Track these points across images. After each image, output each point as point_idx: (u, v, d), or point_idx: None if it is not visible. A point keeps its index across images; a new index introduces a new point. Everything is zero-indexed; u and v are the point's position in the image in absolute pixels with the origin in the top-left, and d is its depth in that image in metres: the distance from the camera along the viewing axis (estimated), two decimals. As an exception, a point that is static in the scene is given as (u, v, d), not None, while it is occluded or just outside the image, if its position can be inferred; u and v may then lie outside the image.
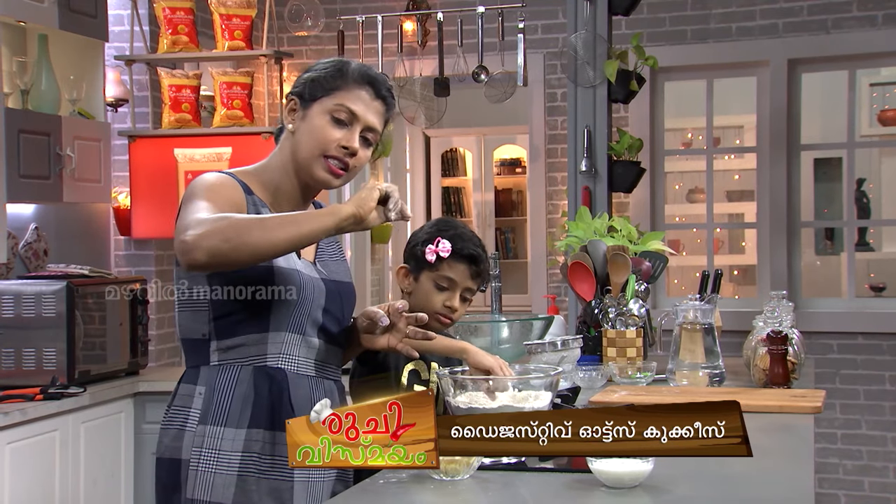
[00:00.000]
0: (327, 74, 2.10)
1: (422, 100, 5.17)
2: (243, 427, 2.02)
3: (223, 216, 1.89)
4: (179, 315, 2.11)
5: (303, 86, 2.11)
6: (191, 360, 2.10)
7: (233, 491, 2.00)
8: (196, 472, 2.01)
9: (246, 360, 2.04)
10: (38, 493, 3.52)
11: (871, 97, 6.95)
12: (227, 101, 4.71)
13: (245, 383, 2.03)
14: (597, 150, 4.27)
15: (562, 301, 5.18)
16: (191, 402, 2.05)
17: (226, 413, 2.02)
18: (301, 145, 2.09)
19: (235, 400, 2.02)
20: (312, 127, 2.08)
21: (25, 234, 4.22)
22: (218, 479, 2.00)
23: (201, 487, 2.00)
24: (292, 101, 2.12)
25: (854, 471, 5.18)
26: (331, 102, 2.08)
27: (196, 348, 2.08)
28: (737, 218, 7.08)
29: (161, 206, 4.63)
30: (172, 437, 2.06)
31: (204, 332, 2.05)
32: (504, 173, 8.55)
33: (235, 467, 2.00)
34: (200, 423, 2.02)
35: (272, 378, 2.05)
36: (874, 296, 6.42)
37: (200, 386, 2.05)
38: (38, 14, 4.06)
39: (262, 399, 2.03)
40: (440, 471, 1.84)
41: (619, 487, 1.78)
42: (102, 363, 4.01)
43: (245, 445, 2.01)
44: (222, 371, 2.04)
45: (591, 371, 2.95)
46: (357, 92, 2.10)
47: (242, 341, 2.04)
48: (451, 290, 2.46)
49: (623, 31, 5.10)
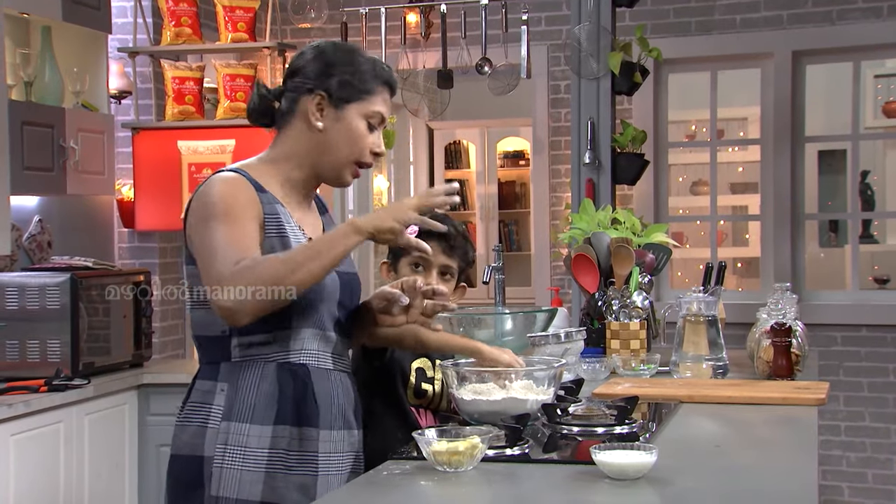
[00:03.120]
0: (361, 76, 2.09)
1: (425, 92, 5.16)
2: (269, 424, 2.01)
3: (252, 270, 1.89)
4: (195, 312, 2.09)
5: (334, 85, 2.08)
6: (208, 356, 2.09)
7: (260, 488, 1.99)
8: (221, 469, 2.00)
9: (269, 357, 2.04)
10: (42, 484, 3.53)
11: (876, 89, 6.93)
12: (230, 94, 4.71)
13: (269, 380, 2.03)
14: (600, 143, 4.27)
15: (565, 293, 5.18)
16: (212, 398, 2.03)
17: (251, 410, 2.01)
18: (336, 148, 2.09)
19: (260, 397, 2.02)
20: (351, 132, 2.09)
21: (29, 226, 4.22)
22: (245, 475, 1.99)
23: (227, 484, 1.99)
24: (320, 97, 2.08)
25: (857, 463, 5.18)
26: (367, 108, 2.09)
27: (215, 344, 2.06)
28: (741, 210, 7.07)
29: (165, 198, 4.63)
30: (192, 433, 2.04)
31: (224, 329, 2.03)
32: (507, 166, 8.54)
33: (263, 464, 2.00)
34: (224, 420, 2.01)
35: (296, 374, 2.05)
36: (878, 288, 6.41)
37: (222, 382, 2.03)
38: (42, 6, 4.06)
39: (286, 395, 2.03)
40: (444, 462, 1.85)
41: (622, 479, 1.78)
42: (106, 355, 4.01)
43: (272, 442, 2.01)
44: (245, 368, 2.03)
45: (594, 363, 2.95)
46: (384, 95, 2.13)
47: (265, 338, 2.03)
48: (427, 269, 2.45)
49: (627, 23, 5.08)
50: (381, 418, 2.39)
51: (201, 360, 2.11)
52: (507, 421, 2.03)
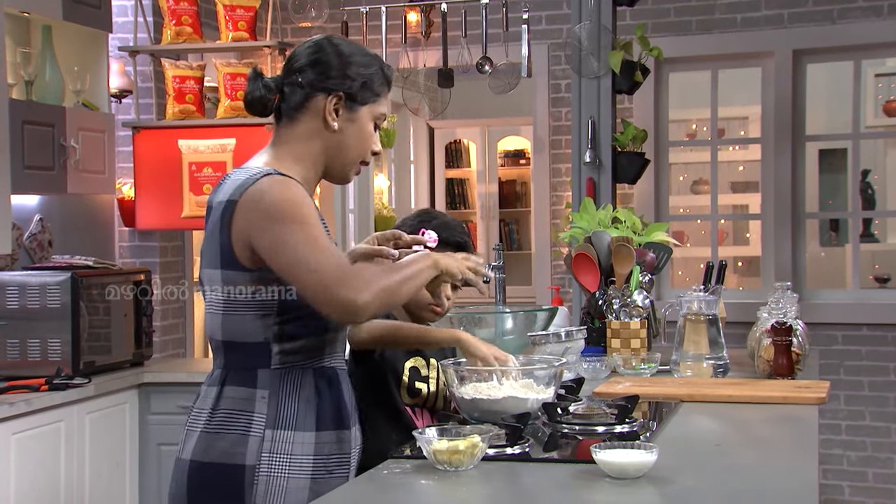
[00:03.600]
0: (375, 78, 2.10)
1: (426, 91, 5.16)
2: (311, 430, 2.01)
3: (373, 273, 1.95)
4: (229, 317, 2.02)
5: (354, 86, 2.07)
6: (240, 362, 2.03)
7: (306, 494, 1.99)
8: (268, 478, 1.97)
9: (305, 363, 2.03)
10: (43, 483, 3.53)
11: (877, 88, 6.93)
12: (230, 93, 4.70)
13: (308, 387, 2.03)
14: (601, 142, 4.27)
15: (566, 292, 5.18)
16: (251, 405, 2.00)
17: (294, 417, 2.00)
18: (348, 148, 2.09)
19: (301, 403, 2.01)
20: (362, 132, 2.10)
21: (30, 225, 4.22)
22: (291, 483, 1.98)
23: (274, 493, 1.97)
24: (340, 97, 2.06)
25: (858, 462, 5.18)
26: (377, 110, 2.12)
27: (251, 351, 2.01)
28: (741, 209, 7.07)
29: (165, 197, 4.63)
30: (232, 442, 1.99)
31: (267, 336, 2.00)
32: (508, 165, 8.54)
33: (308, 471, 2.00)
34: (268, 428, 1.99)
35: (330, 379, 2.06)
36: (879, 287, 6.41)
37: (262, 390, 2.00)
38: (42, 5, 4.06)
39: (325, 400, 2.04)
40: (445, 462, 1.85)
41: (623, 478, 1.78)
42: (107, 354, 4.01)
43: (316, 448, 2.01)
44: (285, 375, 2.01)
45: (595, 362, 2.95)
46: (388, 96, 2.16)
47: (306, 344, 2.03)
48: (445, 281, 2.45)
49: (627, 22, 5.08)
50: (374, 419, 2.39)
51: (229, 365, 2.04)
52: (507, 420, 2.03)
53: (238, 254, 1.98)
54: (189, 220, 4.65)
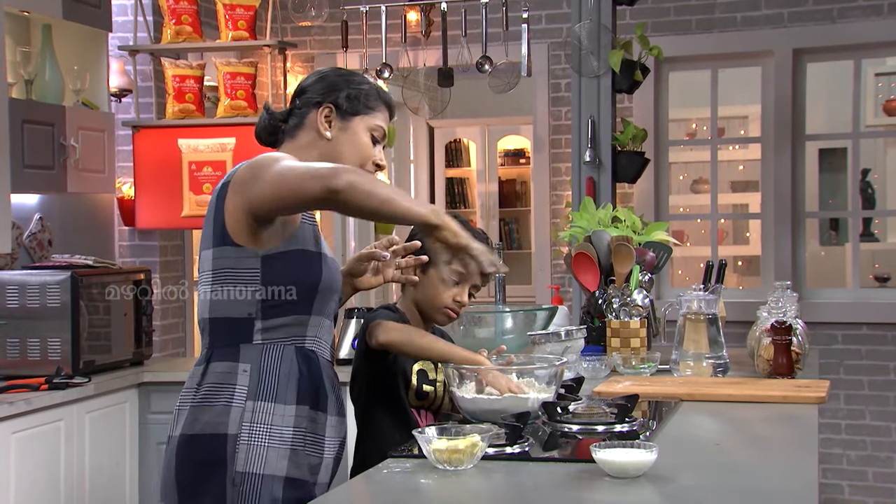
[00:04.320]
0: (367, 94, 2.24)
1: (425, 90, 5.16)
2: (292, 403, 2.10)
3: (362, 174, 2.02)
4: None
5: (343, 99, 2.21)
6: (224, 339, 2.13)
7: (286, 463, 2.07)
8: (248, 447, 2.06)
9: (288, 340, 2.12)
10: (43, 482, 3.53)
11: (877, 87, 6.93)
12: (230, 92, 4.70)
13: (289, 361, 2.11)
14: (601, 141, 4.27)
15: (566, 291, 5.18)
16: (234, 378, 2.09)
17: (275, 389, 2.09)
18: (342, 155, 2.20)
19: (282, 377, 2.10)
20: (357, 141, 2.22)
21: (30, 224, 4.22)
22: (271, 452, 2.07)
23: (254, 461, 2.06)
24: (329, 108, 2.21)
25: (858, 461, 5.18)
26: (372, 122, 2.23)
27: (234, 326, 2.11)
28: (741, 208, 7.07)
29: (165, 196, 4.63)
30: (216, 413, 2.08)
31: (250, 312, 2.10)
32: (508, 164, 8.54)
33: (288, 441, 2.08)
34: (249, 399, 2.08)
35: (310, 360, 2.14)
36: (879, 286, 6.41)
37: (244, 364, 2.10)
38: (42, 4, 4.06)
39: (304, 378, 2.12)
40: (444, 461, 1.85)
41: (623, 477, 1.78)
42: (107, 353, 4.01)
43: (295, 421, 2.09)
44: (266, 349, 2.11)
45: (594, 361, 2.95)
46: (385, 114, 2.27)
47: (289, 321, 2.12)
48: (462, 284, 2.45)
49: (627, 21, 5.08)
50: (380, 420, 2.39)
51: (214, 343, 2.14)
52: (507, 419, 2.03)
53: (229, 228, 2.08)
54: (189, 220, 4.65)
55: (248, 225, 2.07)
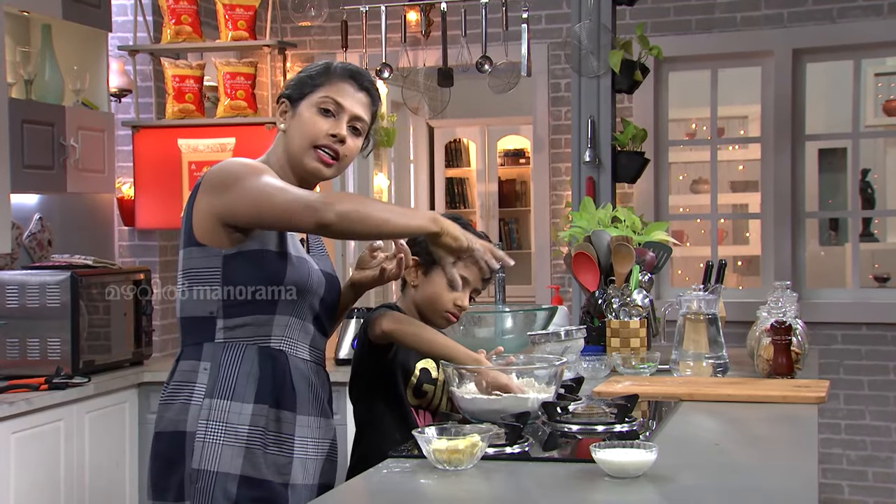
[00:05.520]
0: (312, 73, 2.23)
1: (425, 90, 5.16)
2: (249, 402, 2.10)
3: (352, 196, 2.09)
4: (186, 294, 2.16)
5: (291, 88, 2.24)
6: (192, 338, 2.16)
7: (240, 462, 2.07)
8: (203, 444, 2.07)
9: (251, 340, 2.12)
10: (43, 482, 3.53)
11: (877, 87, 6.93)
12: (230, 92, 4.70)
13: (250, 361, 2.11)
14: (601, 141, 4.27)
15: (566, 291, 5.18)
16: (195, 376, 2.12)
17: (232, 387, 2.10)
18: (293, 140, 2.20)
19: (241, 376, 2.10)
20: (302, 121, 2.20)
21: (30, 224, 4.22)
22: (226, 450, 2.07)
23: (209, 458, 2.07)
24: (283, 103, 2.23)
25: (858, 461, 5.18)
26: (317, 96, 2.20)
27: (200, 325, 2.14)
28: (741, 208, 7.07)
29: (165, 196, 4.63)
30: (177, 411, 2.11)
31: (212, 310, 2.12)
32: (508, 164, 8.54)
33: (243, 439, 2.08)
34: (207, 397, 2.09)
35: (275, 359, 2.14)
36: (878, 286, 6.41)
37: (205, 361, 2.11)
38: (42, 4, 4.06)
39: (266, 377, 2.12)
40: (444, 461, 1.85)
41: (622, 477, 1.78)
42: (107, 353, 4.01)
43: (252, 420, 2.09)
44: (227, 348, 2.12)
45: (594, 361, 2.95)
46: (341, 85, 2.21)
47: (250, 321, 2.12)
48: (464, 288, 2.45)
49: (627, 21, 5.08)
50: (381, 418, 2.39)
51: (185, 342, 2.18)
52: (507, 419, 2.03)
53: (195, 228, 2.11)
54: (189, 220, 4.64)
55: (213, 227, 2.09)
